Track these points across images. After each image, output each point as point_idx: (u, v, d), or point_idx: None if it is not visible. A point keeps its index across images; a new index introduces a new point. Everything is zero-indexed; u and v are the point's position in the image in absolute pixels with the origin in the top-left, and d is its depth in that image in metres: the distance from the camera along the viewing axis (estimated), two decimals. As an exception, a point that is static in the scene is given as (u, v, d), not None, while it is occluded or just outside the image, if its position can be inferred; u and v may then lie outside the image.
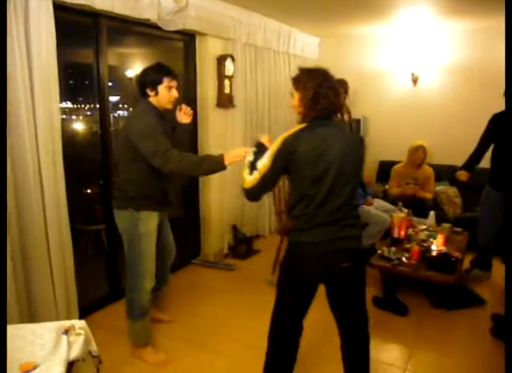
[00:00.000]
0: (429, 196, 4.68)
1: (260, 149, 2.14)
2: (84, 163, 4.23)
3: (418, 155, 4.71)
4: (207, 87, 4.10)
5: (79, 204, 4.11)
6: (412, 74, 5.26)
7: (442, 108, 5.23)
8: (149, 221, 2.57)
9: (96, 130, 5.34)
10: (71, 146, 2.81)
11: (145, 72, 2.54)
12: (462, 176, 3.82)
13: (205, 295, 3.67)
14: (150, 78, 2.49)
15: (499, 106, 3.63)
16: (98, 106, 3.33)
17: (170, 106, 2.57)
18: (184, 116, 2.78)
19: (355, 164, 2.08)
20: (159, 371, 2.63)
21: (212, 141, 4.16)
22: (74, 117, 5.44)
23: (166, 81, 2.49)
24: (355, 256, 2.09)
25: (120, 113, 4.74)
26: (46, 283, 2.74)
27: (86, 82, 4.39)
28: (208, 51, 4.04)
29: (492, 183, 3.78)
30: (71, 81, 4.22)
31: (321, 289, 2.13)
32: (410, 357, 2.82)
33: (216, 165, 2.33)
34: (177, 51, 4.17)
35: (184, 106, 2.80)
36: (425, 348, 2.92)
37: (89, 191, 4.71)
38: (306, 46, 5.50)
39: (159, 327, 3.05)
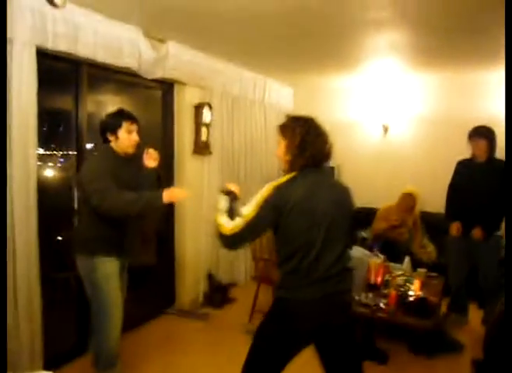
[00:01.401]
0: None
1: (232, 197, 2.06)
2: (57, 210, 4.15)
3: (406, 201, 4.77)
4: (184, 134, 4.16)
5: (51, 251, 3.98)
6: (382, 126, 5.47)
7: (412, 157, 5.39)
8: (106, 266, 2.51)
9: (70, 176, 5.32)
10: (44, 192, 2.77)
11: (105, 118, 2.58)
12: (454, 229, 3.88)
13: (180, 347, 3.53)
14: (110, 123, 2.54)
15: (467, 153, 3.82)
16: (76, 152, 3.32)
17: (130, 150, 2.58)
18: (150, 160, 2.74)
19: (347, 214, 2.04)
20: None
21: (189, 188, 4.14)
22: (49, 164, 5.40)
23: (125, 125, 2.52)
24: (348, 311, 2.07)
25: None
26: (9, 328, 2.58)
27: (61, 129, 4.40)
28: (185, 99, 4.13)
29: (450, 218, 3.91)
30: (46, 128, 4.21)
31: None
32: (392, 406, 2.75)
33: (153, 201, 2.35)
34: (155, 99, 4.25)
35: (150, 150, 2.77)
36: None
37: (59, 238, 4.60)
38: (281, 96, 5.69)
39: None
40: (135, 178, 2.60)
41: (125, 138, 2.52)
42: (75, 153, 3.33)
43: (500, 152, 3.62)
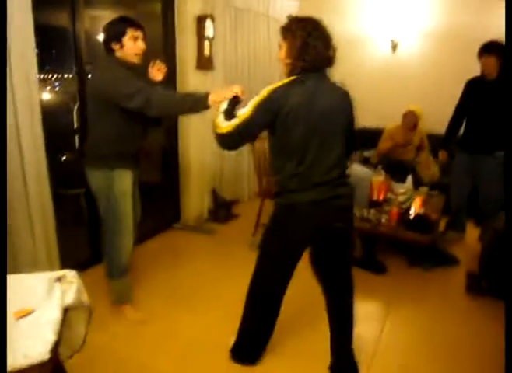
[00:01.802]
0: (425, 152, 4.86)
1: (234, 100, 2.06)
2: (57, 132, 4.15)
3: (408, 119, 4.77)
4: (186, 49, 4.01)
5: (57, 171, 4.06)
6: (391, 41, 5.26)
7: (421, 75, 5.26)
8: (124, 180, 2.52)
9: (69, 98, 5.27)
10: (43, 115, 2.72)
11: (108, 26, 2.42)
12: (442, 156, 4.02)
13: (186, 258, 3.68)
14: (113, 31, 2.39)
15: (477, 71, 3.70)
16: (76, 70, 3.21)
17: (136, 60, 2.44)
18: (157, 72, 2.64)
19: (346, 119, 2.02)
20: (140, 328, 2.64)
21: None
22: (48, 85, 5.31)
23: (130, 32, 2.37)
24: (347, 216, 2.10)
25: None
26: (27, 244, 2.70)
27: (54, 50, 4.23)
28: (187, 12, 3.93)
29: (462, 147, 3.89)
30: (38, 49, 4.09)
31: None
32: (388, 312, 2.92)
33: (199, 102, 2.23)
34: (154, 14, 4.06)
35: (157, 62, 2.66)
36: (402, 304, 3.03)
37: (64, 157, 4.67)
38: (285, 8, 5.41)
39: (140, 286, 3.05)
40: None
41: (131, 46, 2.38)
42: (76, 74, 3.22)
43: None
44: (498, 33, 4.27)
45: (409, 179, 4.23)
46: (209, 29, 4.05)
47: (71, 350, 1.64)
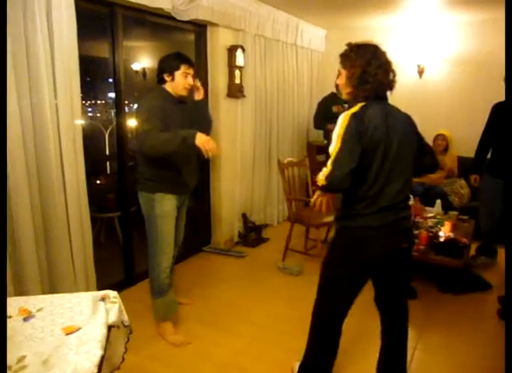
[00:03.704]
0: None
1: None
2: (92, 156, 4.33)
3: (437, 142, 4.89)
4: (218, 77, 4.17)
5: (92, 194, 4.24)
6: (418, 66, 5.33)
7: (447, 99, 5.30)
8: (165, 203, 2.66)
9: (101, 124, 5.49)
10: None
11: (164, 58, 2.65)
12: (474, 180, 4.02)
13: (217, 281, 3.74)
14: (169, 64, 2.61)
15: (503, 95, 3.71)
16: (114, 97, 3.39)
17: (184, 93, 2.66)
18: (196, 92, 2.82)
19: (413, 143, 2.01)
20: (174, 350, 2.71)
21: (223, 131, 4.23)
22: (88, 112, 5.56)
23: (183, 68, 2.59)
24: (410, 236, 2.13)
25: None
26: (67, 265, 2.81)
27: (88, 78, 4.46)
28: (219, 42, 4.10)
29: (490, 172, 3.88)
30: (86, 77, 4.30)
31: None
32: (419, 337, 2.90)
33: (188, 140, 2.38)
34: (187, 43, 4.26)
35: (196, 81, 2.79)
36: (433, 329, 3.01)
37: (98, 182, 4.84)
38: (313, 38, 5.57)
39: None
40: (187, 119, 2.69)
41: (181, 81, 2.60)
42: (114, 101, 3.40)
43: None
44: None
45: (438, 202, 4.23)
46: (240, 59, 4.21)
47: (110, 367, 1.71)
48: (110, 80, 3.49)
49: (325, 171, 1.87)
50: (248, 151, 4.61)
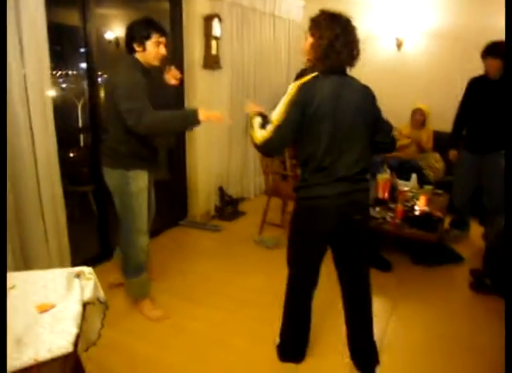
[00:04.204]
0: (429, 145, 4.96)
1: (263, 116, 2.10)
2: (63, 129, 4.20)
3: (416, 117, 4.93)
4: (194, 48, 4.05)
5: (65, 167, 4.14)
6: (396, 39, 5.29)
7: (425, 73, 5.29)
8: (139, 180, 2.57)
9: (74, 95, 5.31)
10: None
11: (133, 26, 2.44)
12: (452, 156, 4.04)
13: (194, 255, 3.73)
14: (138, 33, 2.41)
15: (480, 69, 3.73)
16: (87, 68, 3.26)
17: (156, 63, 2.51)
18: (171, 78, 2.72)
19: (370, 112, 2.04)
20: (156, 324, 2.70)
21: (198, 103, 4.13)
22: (58, 82, 5.35)
23: (154, 37, 2.41)
24: (365, 209, 2.15)
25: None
26: (40, 240, 2.75)
27: (58, 47, 4.28)
28: (194, 11, 3.96)
29: (466, 146, 3.92)
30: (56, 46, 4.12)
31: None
32: (393, 309, 2.97)
33: (189, 118, 2.31)
34: (161, 12, 4.09)
35: (172, 69, 2.74)
36: (407, 301, 3.08)
37: (71, 155, 4.71)
38: (291, 8, 5.45)
39: (153, 285, 3.10)
40: (156, 90, 2.57)
41: (153, 50, 2.42)
42: (86, 72, 3.27)
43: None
44: (500, 32, 4.29)
45: (414, 177, 4.27)
46: (216, 29, 4.09)
47: (86, 343, 1.70)
48: (82, 50, 3.35)
49: (265, 133, 1.94)
50: (225, 123, 4.54)
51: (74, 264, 3.05)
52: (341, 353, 2.41)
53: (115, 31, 5.69)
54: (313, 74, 1.95)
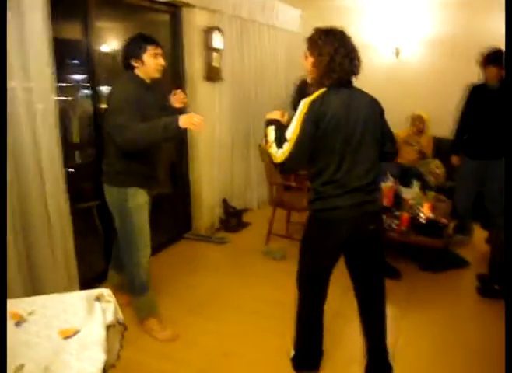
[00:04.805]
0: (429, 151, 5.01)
1: (277, 125, 2.11)
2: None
3: (415, 124, 4.97)
4: (194, 60, 4.06)
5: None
6: (394, 48, 5.33)
7: (424, 80, 5.33)
8: (137, 197, 2.53)
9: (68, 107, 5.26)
10: None
11: (127, 43, 2.46)
12: (455, 161, 4.06)
13: (201, 268, 3.72)
14: (133, 49, 2.43)
15: (477, 75, 3.77)
16: (89, 81, 3.27)
17: (157, 75, 2.50)
18: (176, 102, 2.73)
19: (378, 124, 2.07)
20: (170, 343, 2.67)
21: (201, 114, 4.12)
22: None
23: (150, 49, 2.42)
24: (378, 219, 2.17)
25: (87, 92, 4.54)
26: (48, 259, 2.72)
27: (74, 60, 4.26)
28: (194, 23, 3.98)
29: (467, 153, 3.95)
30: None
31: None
32: (404, 316, 2.97)
33: (170, 126, 2.26)
34: (161, 24, 4.10)
35: (178, 92, 2.74)
36: (417, 308, 3.10)
37: (70, 170, 4.66)
38: (288, 18, 5.48)
39: (161, 301, 3.09)
40: (159, 102, 2.57)
41: (152, 62, 2.43)
42: (89, 82, 3.27)
43: None
44: (497, 40, 4.34)
45: (416, 184, 4.29)
46: (216, 41, 4.10)
47: (106, 365, 1.67)
48: (76, 61, 3.34)
49: (284, 151, 1.96)
50: (227, 135, 4.56)
51: (82, 282, 3.04)
52: (354, 363, 2.42)
53: (113, 44, 5.69)
54: (322, 90, 1.98)
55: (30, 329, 1.39)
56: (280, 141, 2.00)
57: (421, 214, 3.69)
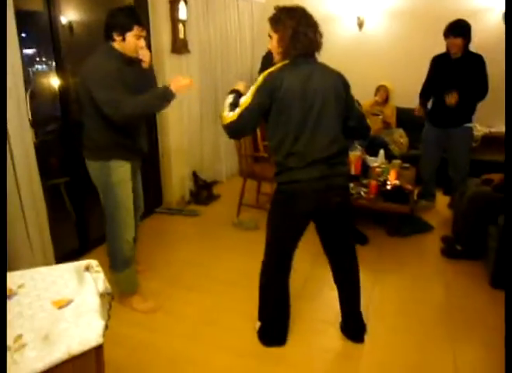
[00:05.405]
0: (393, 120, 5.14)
1: (236, 93, 2.18)
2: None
3: (380, 93, 5.08)
4: (161, 32, 3.97)
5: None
6: (357, 18, 5.36)
7: (387, 51, 5.40)
8: (120, 170, 2.52)
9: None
10: None
11: (115, 15, 2.37)
12: (418, 111, 4.13)
13: (176, 241, 3.75)
14: (120, 22, 2.35)
15: (441, 48, 3.88)
16: (54, 56, 3.15)
17: (134, 55, 2.46)
18: (143, 62, 2.61)
19: (341, 98, 2.10)
20: (152, 315, 2.70)
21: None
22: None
23: (136, 30, 2.36)
24: (344, 192, 2.22)
25: (39, 67, 4.16)
26: (22, 238, 2.70)
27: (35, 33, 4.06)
28: (159, -7, 3.88)
29: (431, 121, 4.09)
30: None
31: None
32: (374, 278, 3.12)
33: (166, 94, 2.30)
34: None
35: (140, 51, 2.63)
36: (386, 270, 3.26)
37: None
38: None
39: (140, 275, 3.10)
40: (139, 79, 2.50)
41: (133, 43, 2.38)
42: (54, 57, 3.16)
43: (474, 46, 3.74)
44: (464, 8, 4.46)
45: (382, 152, 4.42)
46: (182, 12, 4.02)
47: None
48: (24, 35, 3.20)
49: (232, 114, 2.04)
50: (195, 107, 4.53)
51: (57, 259, 3.01)
52: (329, 325, 2.56)
53: (68, 15, 5.45)
54: (282, 63, 2.05)
55: (22, 301, 1.40)
56: (234, 107, 2.07)
57: (387, 182, 3.83)
